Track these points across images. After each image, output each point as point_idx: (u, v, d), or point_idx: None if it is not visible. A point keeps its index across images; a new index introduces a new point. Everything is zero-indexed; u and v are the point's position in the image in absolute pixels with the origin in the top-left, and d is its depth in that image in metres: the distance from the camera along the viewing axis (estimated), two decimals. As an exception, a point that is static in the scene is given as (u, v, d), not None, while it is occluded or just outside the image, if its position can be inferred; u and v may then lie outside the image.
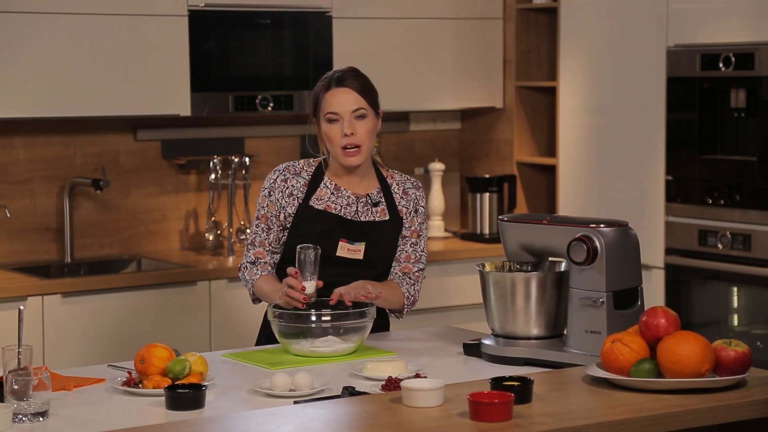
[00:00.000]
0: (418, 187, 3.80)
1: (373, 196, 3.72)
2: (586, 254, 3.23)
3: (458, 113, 6.42)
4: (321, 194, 3.69)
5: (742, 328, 5.12)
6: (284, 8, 5.56)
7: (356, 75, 3.68)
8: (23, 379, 2.80)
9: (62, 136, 5.47)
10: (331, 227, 3.65)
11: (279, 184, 3.69)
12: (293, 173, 3.70)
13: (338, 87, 3.64)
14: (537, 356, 3.31)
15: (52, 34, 5.09)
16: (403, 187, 3.77)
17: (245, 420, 2.76)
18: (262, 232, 3.71)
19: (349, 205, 3.69)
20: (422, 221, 3.77)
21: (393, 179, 3.78)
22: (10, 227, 5.39)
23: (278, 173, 3.71)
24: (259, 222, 3.72)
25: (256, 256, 3.71)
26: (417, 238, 3.76)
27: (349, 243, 3.66)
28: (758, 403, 2.86)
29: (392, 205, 3.73)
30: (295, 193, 3.68)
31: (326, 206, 3.67)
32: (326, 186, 3.70)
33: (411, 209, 3.75)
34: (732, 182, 5.03)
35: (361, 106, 3.64)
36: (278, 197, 3.68)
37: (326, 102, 3.64)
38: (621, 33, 5.42)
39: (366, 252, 3.66)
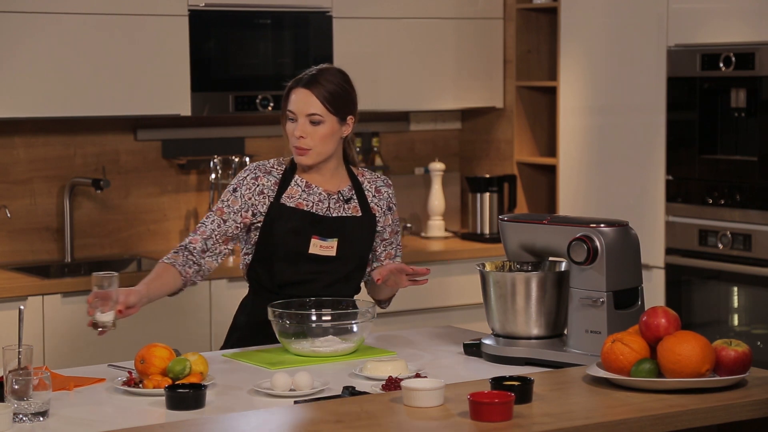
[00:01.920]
0: (389, 185, 3.81)
1: (344, 193, 3.72)
2: (587, 254, 3.23)
3: (458, 113, 6.42)
4: (292, 192, 3.68)
5: (742, 328, 5.12)
6: (284, 8, 5.56)
7: (330, 80, 3.64)
8: (23, 379, 2.80)
9: (62, 136, 5.47)
10: (303, 224, 3.64)
11: (249, 181, 3.67)
12: (264, 171, 3.69)
13: (302, 87, 3.62)
14: (537, 356, 3.31)
15: (53, 34, 5.09)
16: (374, 185, 3.77)
17: (245, 420, 2.76)
18: (211, 223, 3.64)
19: (321, 202, 3.68)
20: (396, 218, 3.82)
21: (364, 177, 3.78)
22: (11, 227, 5.39)
23: (249, 172, 3.69)
24: (211, 213, 3.67)
25: (190, 242, 3.64)
26: (395, 235, 3.81)
27: (321, 240, 3.65)
28: (758, 403, 2.86)
29: (364, 202, 3.73)
30: (266, 192, 3.66)
31: (297, 203, 3.66)
32: (297, 184, 3.69)
33: (384, 207, 3.77)
34: (732, 182, 5.03)
35: (317, 112, 3.61)
36: (246, 194, 3.65)
37: (290, 99, 3.65)
38: (621, 33, 5.42)
39: (338, 248, 3.66)
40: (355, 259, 3.71)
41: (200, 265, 3.64)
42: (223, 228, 3.65)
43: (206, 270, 3.66)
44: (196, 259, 3.63)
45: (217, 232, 3.64)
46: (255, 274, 3.71)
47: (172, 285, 3.61)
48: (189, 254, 3.63)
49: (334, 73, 3.67)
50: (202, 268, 3.64)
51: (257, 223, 3.67)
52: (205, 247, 3.64)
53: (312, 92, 3.61)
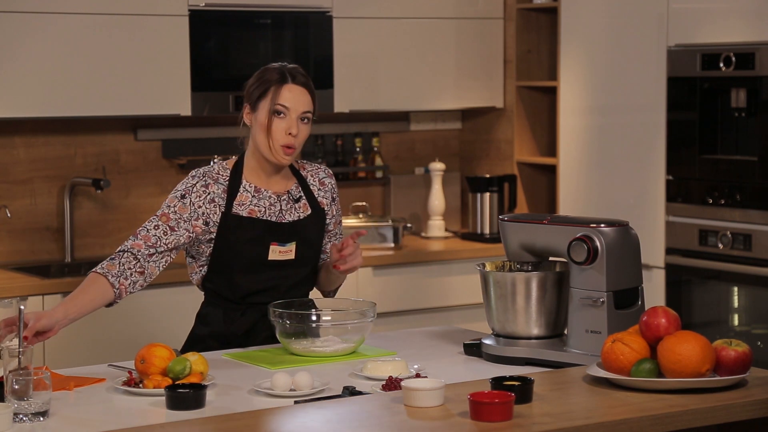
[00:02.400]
0: (330, 175, 3.76)
1: (293, 192, 3.67)
2: (587, 254, 3.23)
3: (459, 113, 6.42)
4: (242, 199, 3.59)
5: (742, 327, 5.12)
6: (284, 8, 5.56)
7: (306, 75, 3.60)
8: (24, 379, 2.80)
9: (63, 136, 5.48)
10: (261, 233, 3.58)
11: (198, 189, 3.55)
12: (212, 179, 3.57)
13: (296, 84, 3.56)
14: (537, 356, 3.31)
15: (53, 34, 5.09)
16: (317, 177, 3.72)
17: (245, 420, 2.76)
18: (155, 228, 3.50)
19: (272, 205, 3.62)
20: (339, 207, 3.78)
21: (306, 170, 3.72)
22: (11, 227, 5.39)
23: (197, 179, 3.57)
24: (155, 218, 3.52)
25: (133, 246, 3.47)
26: (340, 225, 3.78)
27: (280, 245, 3.60)
28: (758, 403, 2.86)
29: (312, 198, 3.68)
30: (216, 200, 3.56)
31: (250, 211, 3.59)
32: (246, 189, 3.61)
33: (329, 199, 3.73)
34: (732, 182, 5.03)
35: (310, 109, 3.57)
36: (196, 202, 3.54)
37: (281, 95, 3.53)
38: (621, 33, 5.42)
39: (297, 251, 3.63)
40: (313, 258, 3.68)
41: (143, 272, 3.49)
42: (170, 235, 3.51)
43: (149, 276, 3.50)
44: (141, 263, 3.48)
45: (164, 239, 3.51)
46: (212, 284, 3.63)
47: (100, 299, 3.44)
48: (132, 260, 3.48)
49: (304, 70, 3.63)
50: (145, 275, 3.49)
51: (210, 235, 3.57)
52: (152, 251, 3.49)
53: (307, 91, 3.58)
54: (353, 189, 6.13)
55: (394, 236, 5.78)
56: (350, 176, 6.12)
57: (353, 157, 6.14)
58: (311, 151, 6.02)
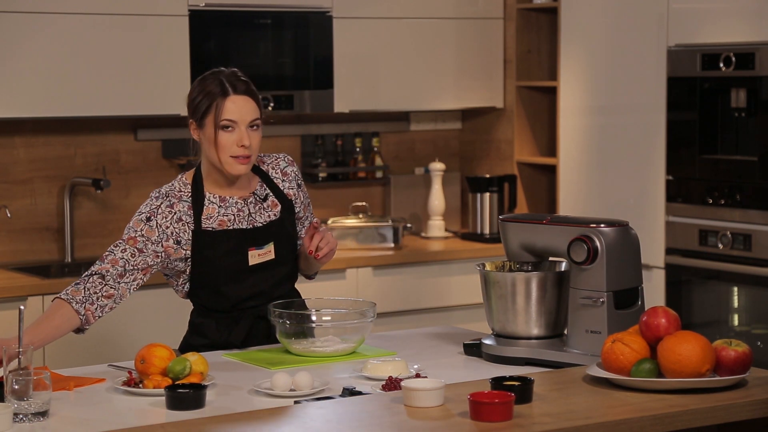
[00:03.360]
0: (291, 162, 3.70)
1: (258, 193, 3.62)
2: (587, 254, 3.23)
3: (459, 113, 6.42)
4: (209, 212, 3.54)
5: (742, 328, 5.12)
6: (284, 8, 5.56)
7: (246, 81, 3.52)
8: (24, 379, 2.80)
9: (62, 136, 5.48)
10: (236, 243, 3.55)
11: (163, 210, 3.48)
12: (176, 198, 3.51)
13: (238, 94, 3.47)
14: (537, 356, 3.31)
15: (53, 34, 5.09)
16: (279, 168, 3.67)
17: (245, 420, 2.76)
18: (122, 252, 3.43)
19: (240, 211, 3.58)
20: (305, 192, 3.72)
21: (265, 164, 3.67)
22: (11, 227, 5.39)
23: (161, 200, 3.50)
24: (121, 242, 3.45)
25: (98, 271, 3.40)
26: (307, 209, 3.73)
27: (258, 249, 3.57)
28: (758, 403, 2.86)
29: (278, 192, 3.64)
30: (184, 219, 3.50)
31: (219, 222, 3.54)
32: (211, 201, 3.55)
33: (295, 187, 3.68)
34: (732, 182, 5.03)
35: (257, 116, 3.51)
36: (163, 223, 3.48)
37: (225, 108, 3.44)
38: (621, 33, 5.42)
39: (276, 250, 3.60)
40: (292, 252, 3.65)
41: (112, 294, 3.41)
42: (139, 258, 3.45)
43: (119, 298, 3.42)
44: (110, 285, 3.41)
45: (132, 262, 3.45)
46: (198, 299, 3.62)
47: (66, 326, 3.36)
48: (99, 282, 3.40)
49: (240, 73, 3.55)
50: (114, 297, 3.41)
51: (185, 253, 3.52)
52: (121, 272, 3.43)
53: (250, 98, 3.50)
54: (353, 189, 6.13)
55: (394, 236, 5.78)
56: (350, 176, 6.12)
57: (353, 157, 6.14)
58: (311, 150, 6.02)
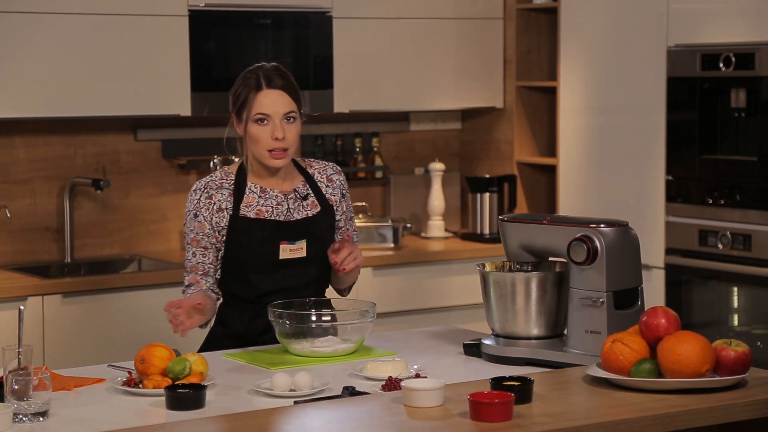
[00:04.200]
0: (339, 171, 3.76)
1: (300, 191, 3.67)
2: (586, 254, 3.23)
3: (458, 113, 6.42)
4: (249, 200, 3.62)
5: (742, 328, 5.12)
6: (284, 8, 5.56)
7: (286, 75, 3.61)
8: (23, 379, 2.80)
9: (62, 136, 5.48)
10: (270, 233, 3.60)
11: (204, 202, 3.59)
12: (215, 188, 3.61)
13: (271, 88, 3.56)
14: (537, 356, 3.31)
15: (53, 34, 5.09)
16: (325, 174, 3.73)
17: (245, 420, 2.76)
18: (194, 256, 3.61)
19: (279, 204, 3.64)
20: (350, 203, 3.78)
21: (313, 168, 3.73)
22: (11, 227, 5.39)
23: (200, 192, 3.61)
24: (189, 247, 3.62)
25: (190, 282, 3.62)
26: (349, 220, 3.77)
27: (290, 243, 3.61)
28: (758, 403, 2.86)
29: (320, 195, 3.69)
30: (224, 206, 3.59)
31: (257, 212, 3.61)
32: (252, 191, 3.63)
33: (339, 196, 3.73)
34: (732, 182, 5.03)
35: (292, 109, 3.57)
36: (206, 215, 3.59)
37: (258, 102, 3.55)
38: (621, 33, 5.42)
39: (308, 248, 3.63)
40: (324, 254, 3.66)
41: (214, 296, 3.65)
42: (208, 255, 3.61)
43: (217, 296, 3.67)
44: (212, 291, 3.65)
45: (205, 263, 3.61)
46: (227, 286, 3.67)
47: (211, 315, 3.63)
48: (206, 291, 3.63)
49: (281, 68, 3.63)
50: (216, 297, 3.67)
51: (223, 239, 3.61)
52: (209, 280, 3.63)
53: (283, 91, 3.57)
54: (353, 189, 6.13)
55: (394, 236, 5.78)
56: (350, 176, 6.12)
57: (353, 158, 6.14)
58: (311, 150, 6.02)
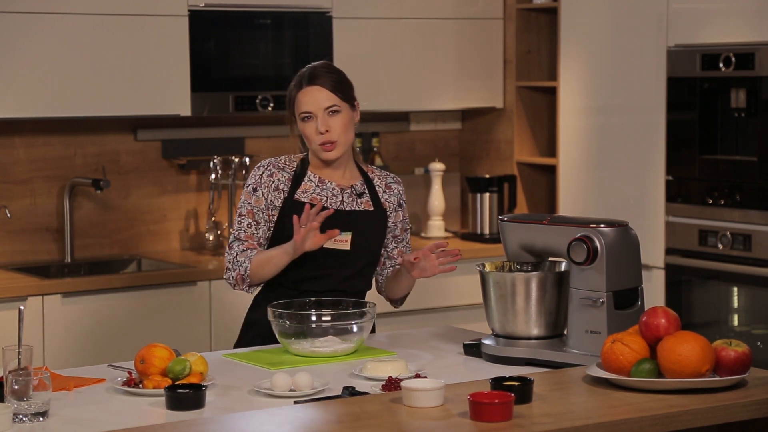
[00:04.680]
0: (399, 182, 3.84)
1: (356, 188, 3.75)
2: (586, 254, 3.23)
3: (458, 113, 6.42)
4: (306, 187, 3.70)
5: (742, 328, 5.12)
6: (284, 8, 5.56)
7: (329, 71, 3.69)
8: (23, 379, 2.80)
9: (62, 136, 5.47)
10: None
11: (265, 179, 3.69)
12: (278, 168, 3.71)
13: (310, 85, 3.66)
14: (537, 356, 3.31)
15: (53, 34, 5.09)
16: (385, 181, 3.80)
17: (245, 420, 2.76)
18: (248, 227, 3.68)
19: (335, 196, 3.71)
20: (406, 215, 3.84)
21: (374, 174, 3.82)
22: (11, 227, 5.39)
23: (263, 169, 3.71)
24: (243, 218, 3.68)
25: (248, 247, 3.66)
26: (405, 233, 3.83)
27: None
28: (758, 403, 2.86)
29: (376, 197, 3.76)
30: (281, 187, 3.69)
31: (311, 199, 3.69)
32: (310, 179, 3.72)
33: (395, 204, 3.79)
34: (732, 182, 5.03)
35: (334, 102, 3.65)
36: (264, 192, 3.68)
37: (299, 101, 3.67)
38: (621, 33, 5.42)
39: (353, 242, 3.68)
40: (368, 253, 3.72)
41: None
42: (261, 230, 3.69)
43: None
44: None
45: (259, 235, 3.69)
46: None
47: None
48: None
49: (328, 65, 3.73)
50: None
51: (273, 219, 3.69)
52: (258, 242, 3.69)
53: (321, 86, 3.65)
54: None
55: (394, 236, 5.77)
56: (350, 176, 6.11)
57: (353, 157, 6.14)
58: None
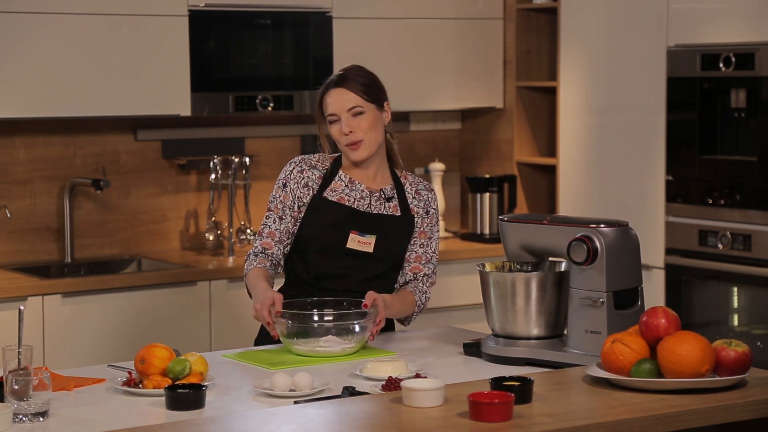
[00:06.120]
0: (430, 189, 3.84)
1: (386, 192, 3.76)
2: (586, 254, 3.23)
3: (458, 113, 6.42)
4: (335, 186, 3.72)
5: (742, 328, 5.12)
6: (284, 8, 5.56)
7: (356, 73, 3.72)
8: (23, 379, 2.80)
9: (62, 136, 5.48)
10: (343, 219, 3.68)
11: (295, 175, 3.72)
12: (309, 165, 3.74)
13: (334, 88, 3.69)
14: (537, 356, 3.31)
15: (52, 34, 5.09)
16: (416, 188, 3.81)
17: (245, 420, 2.76)
18: (273, 222, 3.71)
19: (363, 198, 3.72)
20: (433, 223, 3.80)
21: (406, 179, 3.82)
22: (11, 227, 5.39)
23: (294, 165, 3.74)
24: (270, 213, 3.73)
25: (263, 246, 3.71)
26: (427, 239, 3.79)
27: (359, 235, 3.68)
28: (758, 403, 2.86)
29: (404, 202, 3.76)
30: (311, 185, 3.71)
31: (339, 198, 3.71)
32: (341, 179, 3.74)
33: (422, 210, 3.78)
34: (732, 182, 5.03)
35: (357, 104, 3.67)
36: (294, 188, 3.71)
37: (325, 104, 3.71)
38: (621, 33, 5.42)
39: (376, 246, 3.69)
40: (391, 257, 3.72)
41: (278, 267, 3.75)
42: (284, 225, 3.71)
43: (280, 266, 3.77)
44: (278, 262, 3.73)
45: (281, 230, 3.71)
46: (291, 264, 3.75)
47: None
48: (272, 260, 3.71)
49: (357, 67, 3.77)
50: (279, 267, 3.76)
51: (299, 215, 3.71)
52: (281, 248, 3.71)
53: (345, 88, 3.67)
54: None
55: (394, 236, 5.77)
56: (350, 176, 6.12)
57: (353, 157, 6.14)
58: (311, 151, 6.01)
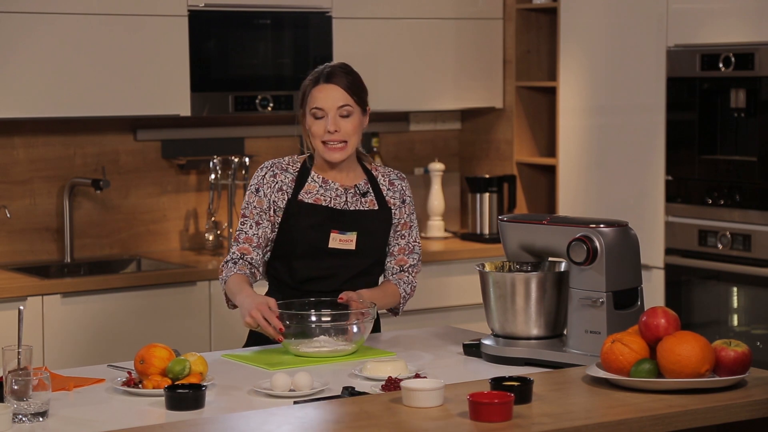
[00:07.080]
0: (402, 178, 3.82)
1: (360, 187, 3.74)
2: (586, 254, 3.23)
3: (458, 113, 6.42)
4: (309, 188, 3.70)
5: (742, 328, 5.12)
6: (284, 8, 5.56)
7: (346, 72, 3.69)
8: (23, 379, 2.80)
9: (62, 136, 5.48)
10: (322, 220, 3.66)
11: (268, 179, 3.69)
12: (281, 169, 3.70)
13: (326, 83, 3.65)
14: (537, 356, 3.31)
15: (52, 34, 5.09)
16: (388, 178, 3.79)
17: (245, 420, 2.76)
18: (249, 228, 3.67)
19: (338, 197, 3.70)
20: (410, 212, 3.81)
21: (378, 171, 3.80)
22: (10, 227, 5.39)
23: (266, 170, 3.71)
24: (246, 219, 3.69)
25: (242, 252, 3.67)
26: (408, 229, 3.80)
27: (340, 233, 3.67)
28: (758, 403, 2.86)
29: (380, 195, 3.75)
30: (284, 188, 3.68)
31: (315, 199, 3.69)
32: (314, 180, 3.71)
33: (398, 200, 3.78)
34: (732, 182, 5.03)
35: (347, 103, 3.64)
36: (267, 192, 3.68)
37: (313, 97, 3.65)
38: (621, 33, 5.42)
39: (358, 242, 3.68)
40: (373, 252, 3.72)
41: (257, 274, 3.69)
42: (261, 230, 3.67)
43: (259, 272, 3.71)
44: (257, 268, 3.68)
45: (258, 235, 3.67)
46: (274, 270, 3.73)
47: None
48: (251, 266, 3.67)
49: (346, 66, 3.73)
50: (258, 274, 3.70)
51: (276, 221, 3.68)
52: (260, 253, 3.68)
53: (338, 85, 3.64)
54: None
55: (394, 236, 5.77)
56: (350, 176, 6.11)
57: (353, 158, 6.14)
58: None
